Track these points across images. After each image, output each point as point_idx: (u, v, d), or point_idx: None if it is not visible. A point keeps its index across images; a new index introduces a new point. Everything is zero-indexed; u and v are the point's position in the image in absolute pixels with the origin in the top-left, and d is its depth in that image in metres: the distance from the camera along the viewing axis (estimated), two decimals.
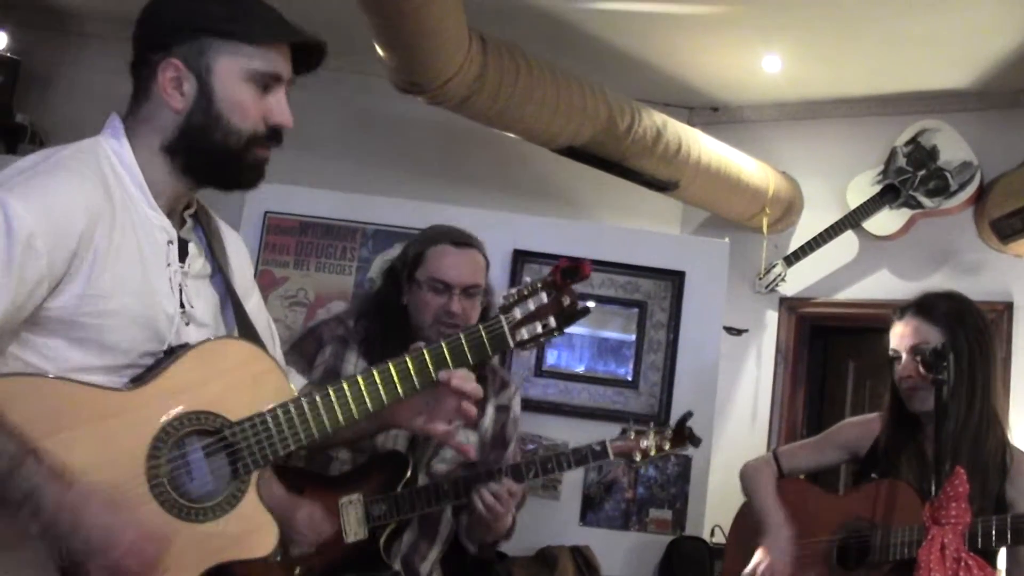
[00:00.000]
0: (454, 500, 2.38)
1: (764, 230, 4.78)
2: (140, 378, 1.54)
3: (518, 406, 2.67)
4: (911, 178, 4.63)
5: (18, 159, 1.55)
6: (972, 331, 2.42)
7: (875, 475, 2.48)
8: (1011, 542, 2.24)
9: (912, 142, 4.66)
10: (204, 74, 1.56)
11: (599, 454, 2.45)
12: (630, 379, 3.93)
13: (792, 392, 4.91)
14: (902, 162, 4.67)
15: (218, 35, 1.56)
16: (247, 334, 1.70)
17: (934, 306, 2.47)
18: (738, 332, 4.84)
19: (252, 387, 1.60)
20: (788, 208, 4.92)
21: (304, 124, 1.69)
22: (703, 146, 4.51)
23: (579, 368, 3.95)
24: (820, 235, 4.69)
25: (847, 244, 4.81)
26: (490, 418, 2.59)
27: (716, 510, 3.79)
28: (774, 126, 5.11)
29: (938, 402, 2.26)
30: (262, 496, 1.61)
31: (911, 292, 2.64)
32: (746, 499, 2.72)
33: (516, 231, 3.96)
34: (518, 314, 1.74)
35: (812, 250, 4.70)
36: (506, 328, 1.73)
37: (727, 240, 4.28)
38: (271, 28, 1.60)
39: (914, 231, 4.68)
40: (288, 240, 4.00)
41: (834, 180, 4.86)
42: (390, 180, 4.84)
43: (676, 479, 3.85)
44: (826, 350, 5.05)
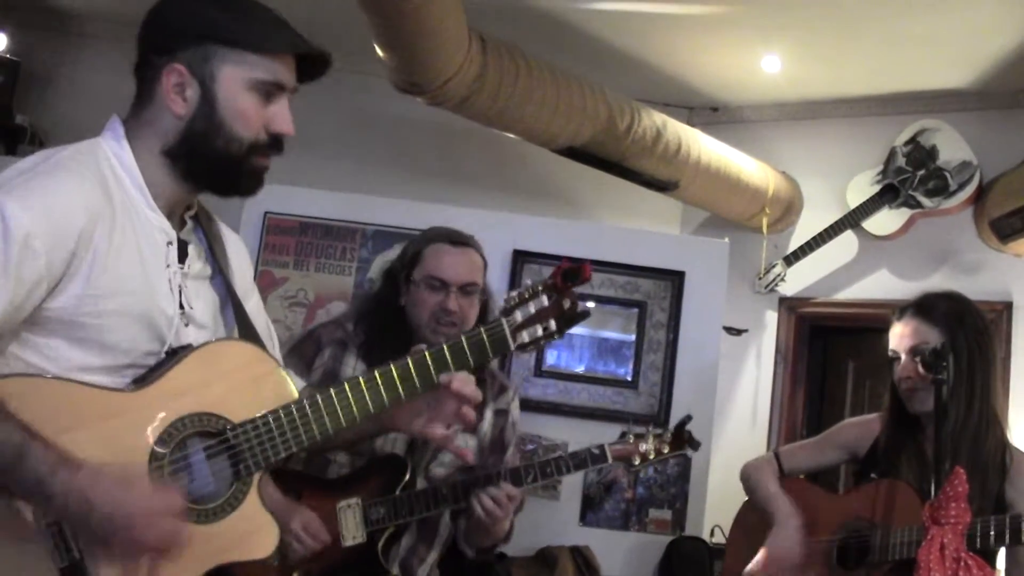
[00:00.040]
0: (453, 504, 2.37)
1: (764, 230, 4.78)
2: (142, 379, 1.54)
3: (517, 410, 2.67)
4: (911, 178, 4.63)
5: (18, 160, 1.55)
6: (972, 331, 2.42)
7: (875, 475, 2.48)
8: (1010, 542, 2.23)
9: (912, 142, 4.66)
10: (208, 81, 1.56)
11: (598, 458, 2.44)
12: (630, 379, 3.93)
13: (792, 392, 4.91)
14: (901, 162, 4.67)
15: (223, 43, 1.56)
16: (248, 335, 1.70)
17: (933, 306, 2.47)
18: (738, 332, 4.84)
19: (254, 389, 1.61)
20: (788, 208, 4.92)
21: (304, 124, 1.69)
22: (703, 146, 4.51)
23: (579, 368, 3.94)
24: (820, 235, 4.69)
25: (847, 244, 4.80)
26: (489, 422, 2.58)
27: (716, 510, 3.79)
28: (774, 126, 5.10)
29: (938, 402, 2.26)
30: (263, 498, 1.62)
31: (911, 292, 2.64)
32: (748, 497, 2.71)
33: (516, 231, 3.95)
34: (519, 317, 1.74)
35: (812, 250, 4.70)
36: (507, 331, 1.73)
37: (727, 240, 4.28)
38: (276, 37, 1.60)
39: (914, 231, 4.68)
40: (288, 240, 4.00)
41: (834, 180, 4.86)
42: (390, 180, 4.84)
43: (676, 479, 3.85)
44: (826, 350, 5.05)
